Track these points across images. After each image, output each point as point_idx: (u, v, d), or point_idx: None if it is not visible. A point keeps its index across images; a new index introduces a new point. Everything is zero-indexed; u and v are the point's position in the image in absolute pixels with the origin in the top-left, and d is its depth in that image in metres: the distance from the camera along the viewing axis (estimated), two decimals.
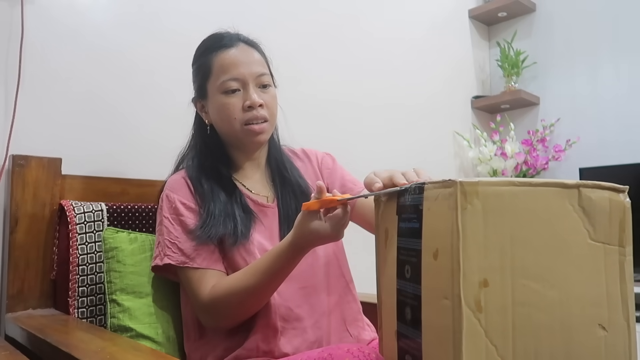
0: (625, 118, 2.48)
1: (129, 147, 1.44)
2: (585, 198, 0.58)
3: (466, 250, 0.54)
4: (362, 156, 2.11)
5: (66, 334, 0.97)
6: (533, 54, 2.74)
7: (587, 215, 0.58)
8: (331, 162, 1.21)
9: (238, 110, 1.02)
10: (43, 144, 1.27)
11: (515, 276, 0.55)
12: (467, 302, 0.54)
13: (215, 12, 1.68)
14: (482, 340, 0.54)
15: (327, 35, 2.04)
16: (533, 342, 0.55)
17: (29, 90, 1.27)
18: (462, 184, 0.55)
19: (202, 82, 1.07)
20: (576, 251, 0.58)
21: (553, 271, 0.56)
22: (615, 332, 0.58)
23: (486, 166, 2.55)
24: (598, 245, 0.58)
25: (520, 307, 0.55)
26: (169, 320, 1.11)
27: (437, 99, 2.53)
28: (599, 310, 0.58)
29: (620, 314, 0.58)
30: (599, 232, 0.58)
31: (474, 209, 0.54)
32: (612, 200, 0.60)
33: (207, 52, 1.06)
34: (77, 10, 1.38)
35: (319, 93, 2.00)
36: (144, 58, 1.50)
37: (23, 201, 1.16)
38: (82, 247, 1.14)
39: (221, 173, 1.06)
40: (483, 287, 0.54)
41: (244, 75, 1.02)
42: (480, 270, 0.54)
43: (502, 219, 0.55)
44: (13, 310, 1.13)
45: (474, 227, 0.54)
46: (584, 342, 0.57)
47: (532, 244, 0.56)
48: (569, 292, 0.57)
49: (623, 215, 0.60)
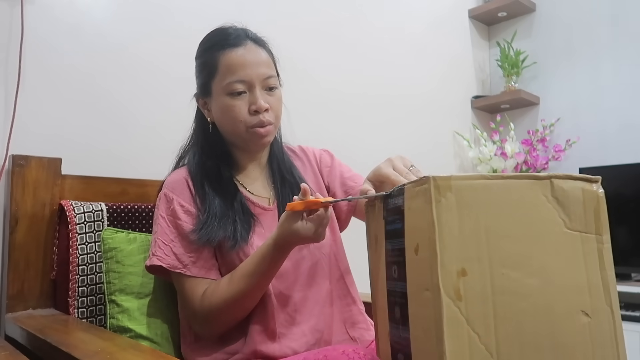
0: (625, 118, 2.48)
1: (129, 147, 1.44)
2: (558, 189, 0.60)
3: (442, 241, 0.56)
4: (362, 156, 2.11)
5: (66, 334, 0.97)
6: (533, 54, 2.74)
7: (561, 205, 0.60)
8: (329, 159, 1.20)
9: (244, 113, 1.00)
10: (43, 144, 1.27)
11: (493, 265, 0.57)
12: (447, 291, 0.55)
13: (217, 9, 1.68)
14: (463, 328, 0.55)
15: (327, 35, 2.04)
16: (516, 328, 0.56)
17: (29, 90, 1.27)
18: (434, 179, 0.58)
19: (207, 80, 1.04)
20: (553, 240, 0.59)
21: (531, 260, 0.58)
22: (600, 318, 0.59)
23: (486, 166, 2.55)
24: (575, 234, 0.60)
25: (501, 295, 0.56)
26: (168, 321, 1.11)
27: (437, 99, 2.53)
28: (581, 297, 0.59)
29: (603, 300, 0.59)
30: (574, 221, 0.60)
31: (448, 202, 0.57)
32: (584, 190, 0.61)
33: (213, 48, 1.03)
34: (77, 10, 1.38)
35: (318, 93, 2.00)
36: (144, 57, 1.50)
37: (23, 201, 1.16)
38: (82, 247, 1.14)
39: (222, 174, 1.05)
40: (461, 277, 0.56)
41: (251, 77, 1.00)
42: (458, 260, 0.56)
43: (476, 211, 0.58)
44: (13, 310, 1.13)
45: (449, 219, 0.57)
46: (568, 328, 0.58)
47: (508, 234, 0.58)
48: (548, 280, 0.58)
49: (597, 204, 0.61)
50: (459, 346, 0.55)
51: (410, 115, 2.38)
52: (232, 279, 0.93)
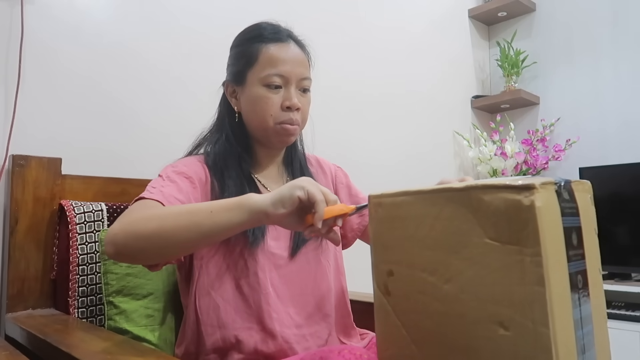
0: (626, 117, 2.48)
1: (129, 147, 1.44)
2: (476, 200, 0.59)
3: (376, 246, 0.70)
4: (362, 156, 2.11)
5: (66, 334, 0.96)
6: (533, 53, 2.74)
7: (482, 216, 0.59)
8: (344, 178, 1.20)
9: (276, 107, 0.99)
10: (43, 144, 1.27)
11: (414, 269, 0.65)
12: (379, 287, 0.69)
13: (217, 9, 1.68)
14: (391, 317, 0.67)
15: (327, 34, 2.04)
16: (434, 326, 0.63)
17: (29, 90, 1.27)
18: (370, 197, 0.71)
19: (243, 68, 1.02)
20: (472, 250, 0.59)
21: (448, 267, 0.61)
22: (519, 333, 0.55)
23: (486, 166, 2.55)
24: (496, 245, 0.58)
25: (421, 295, 0.64)
26: (166, 322, 1.11)
27: (437, 98, 2.53)
28: (498, 308, 0.57)
29: (526, 315, 0.55)
30: (496, 232, 0.57)
31: (379, 216, 0.69)
32: (507, 200, 0.57)
33: (256, 39, 1.03)
34: (77, 10, 1.38)
35: (318, 92, 2.00)
36: (144, 57, 1.50)
37: (23, 201, 1.16)
38: (82, 247, 1.14)
39: (242, 168, 1.02)
40: (390, 276, 0.68)
41: (289, 73, 1.00)
42: (386, 263, 0.68)
43: (401, 222, 0.67)
44: (13, 310, 1.13)
45: (380, 230, 0.70)
46: (483, 337, 0.58)
47: (427, 243, 0.64)
48: (464, 288, 0.60)
49: (522, 215, 0.55)
50: (386, 330, 0.69)
51: (410, 115, 2.38)
52: (178, 206, 0.86)
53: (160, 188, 0.92)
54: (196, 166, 1.00)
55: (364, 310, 1.12)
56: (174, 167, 0.99)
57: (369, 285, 0.73)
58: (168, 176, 0.96)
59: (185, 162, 1.00)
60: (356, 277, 1.25)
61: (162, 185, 0.93)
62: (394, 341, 0.67)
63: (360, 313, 1.13)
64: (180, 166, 0.99)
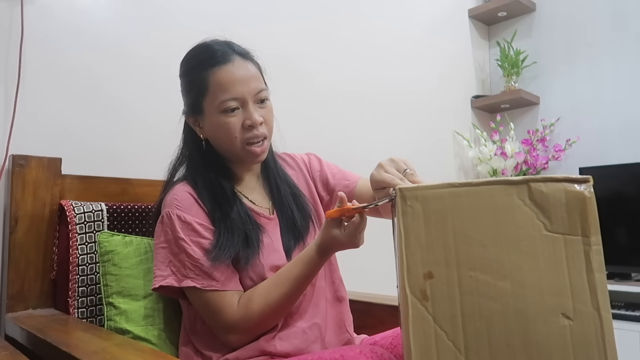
0: (625, 117, 2.48)
1: (129, 146, 1.44)
2: (536, 192, 0.60)
3: (409, 247, 0.62)
4: (362, 155, 2.11)
5: (66, 334, 0.97)
6: (533, 53, 2.74)
7: (541, 208, 0.60)
8: (318, 163, 1.20)
9: (239, 129, 1.00)
10: (43, 144, 1.27)
11: (461, 268, 0.60)
12: (413, 292, 0.61)
13: (216, 8, 1.68)
14: (430, 325, 0.60)
15: (327, 34, 2.04)
16: (485, 328, 0.59)
17: (29, 90, 1.27)
18: (401, 190, 0.63)
19: (197, 99, 1.02)
20: (530, 243, 0.60)
21: (503, 263, 0.60)
22: (583, 321, 0.58)
23: (486, 166, 2.55)
24: (557, 237, 0.59)
25: (469, 296, 0.60)
26: (166, 322, 1.11)
27: (437, 98, 2.53)
28: (560, 299, 0.59)
29: (589, 303, 0.58)
30: (556, 224, 0.59)
31: (414, 210, 0.62)
32: (567, 192, 0.60)
33: (200, 67, 1.02)
34: (77, 10, 1.38)
35: (318, 92, 2.00)
36: (144, 57, 1.50)
37: (23, 201, 1.16)
38: (82, 247, 1.14)
39: (224, 187, 1.04)
40: (428, 279, 0.61)
41: (243, 94, 0.99)
42: (424, 264, 0.61)
43: (443, 217, 0.61)
44: (13, 310, 1.13)
45: (415, 226, 0.62)
46: (544, 330, 0.58)
47: (477, 239, 0.60)
48: (523, 282, 0.59)
49: (584, 205, 0.60)
50: (425, 342, 0.60)
51: (410, 114, 2.38)
52: (276, 282, 0.95)
53: (201, 267, 0.95)
54: (190, 202, 1.00)
55: (356, 309, 1.12)
56: (183, 221, 0.98)
57: (359, 284, 0.72)
58: (190, 244, 0.96)
59: (184, 205, 1.00)
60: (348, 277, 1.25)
61: (198, 259, 0.95)
62: (436, 353, 0.60)
63: (353, 312, 1.13)
64: (185, 216, 0.98)
